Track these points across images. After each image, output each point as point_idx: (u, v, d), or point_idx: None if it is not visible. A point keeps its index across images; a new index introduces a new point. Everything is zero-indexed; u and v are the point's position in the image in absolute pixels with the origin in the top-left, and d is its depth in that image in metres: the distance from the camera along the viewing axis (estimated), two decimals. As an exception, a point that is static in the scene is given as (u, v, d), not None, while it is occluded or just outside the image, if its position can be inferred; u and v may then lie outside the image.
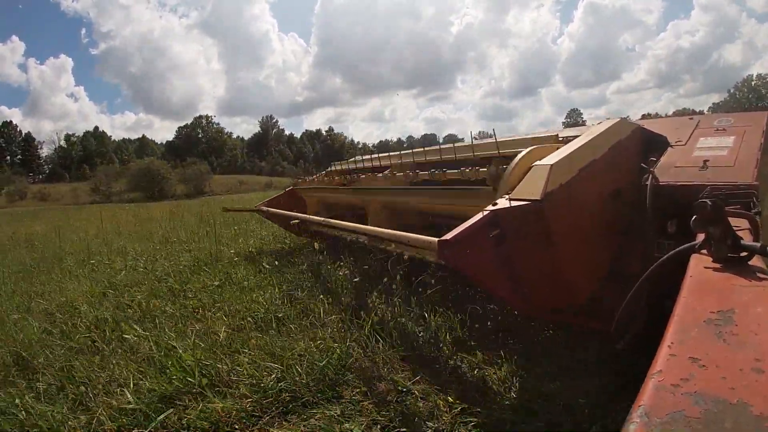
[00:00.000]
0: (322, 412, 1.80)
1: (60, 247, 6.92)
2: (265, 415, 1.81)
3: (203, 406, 1.82)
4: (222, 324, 2.70)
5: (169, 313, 3.05)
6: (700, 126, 2.53)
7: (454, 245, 1.54)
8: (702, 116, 2.68)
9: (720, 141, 2.28)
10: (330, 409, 1.82)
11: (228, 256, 4.73)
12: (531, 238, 1.73)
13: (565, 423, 1.64)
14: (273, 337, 2.42)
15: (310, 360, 2.09)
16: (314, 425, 1.73)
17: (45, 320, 3.17)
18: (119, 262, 5.13)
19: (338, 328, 2.48)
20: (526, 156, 2.10)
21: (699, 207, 0.98)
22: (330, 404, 1.86)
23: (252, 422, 1.78)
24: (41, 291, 4.13)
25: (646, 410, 0.49)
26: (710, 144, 2.28)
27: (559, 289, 1.86)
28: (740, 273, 0.86)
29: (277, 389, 1.92)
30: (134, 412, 1.81)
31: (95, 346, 2.57)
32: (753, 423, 0.46)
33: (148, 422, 1.76)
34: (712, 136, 2.36)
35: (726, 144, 2.22)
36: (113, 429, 1.74)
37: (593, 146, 2.00)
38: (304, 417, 1.79)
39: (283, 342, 2.35)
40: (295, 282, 3.44)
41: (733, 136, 2.26)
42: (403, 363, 2.15)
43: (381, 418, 1.75)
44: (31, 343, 2.66)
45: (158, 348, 2.35)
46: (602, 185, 2.02)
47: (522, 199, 1.72)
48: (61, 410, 1.87)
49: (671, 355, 0.60)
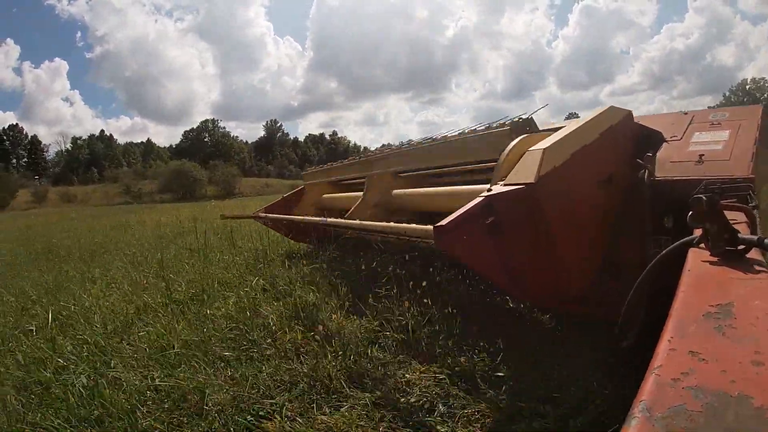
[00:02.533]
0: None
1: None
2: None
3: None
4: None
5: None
6: (695, 121, 2.50)
7: (450, 231, 1.53)
8: (697, 111, 2.66)
9: (715, 135, 2.25)
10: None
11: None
12: (526, 222, 1.73)
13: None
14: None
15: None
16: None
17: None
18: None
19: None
20: (519, 143, 2.10)
21: (694, 202, 0.97)
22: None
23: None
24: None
25: (648, 405, 0.48)
26: (705, 138, 2.26)
27: (554, 276, 1.85)
28: (738, 266, 0.85)
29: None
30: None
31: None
32: (754, 415, 0.45)
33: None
34: (707, 131, 2.33)
35: (721, 138, 2.19)
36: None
37: (585, 131, 2.00)
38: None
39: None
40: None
41: (728, 130, 2.23)
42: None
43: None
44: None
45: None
46: (595, 169, 2.02)
47: (516, 183, 1.72)
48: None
49: (671, 350, 0.59)
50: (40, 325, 3.05)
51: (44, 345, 2.60)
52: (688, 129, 2.41)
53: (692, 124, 2.46)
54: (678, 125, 2.48)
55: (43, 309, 3.39)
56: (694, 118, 2.54)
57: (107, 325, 2.94)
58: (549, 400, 1.74)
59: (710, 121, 2.43)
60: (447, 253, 1.78)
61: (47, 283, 4.63)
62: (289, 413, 1.80)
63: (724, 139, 2.17)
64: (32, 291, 4.24)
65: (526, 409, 1.70)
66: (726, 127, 2.29)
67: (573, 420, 1.62)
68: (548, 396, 1.77)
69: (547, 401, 1.74)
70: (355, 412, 1.78)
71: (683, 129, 2.42)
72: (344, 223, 3.03)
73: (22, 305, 3.78)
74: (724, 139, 2.17)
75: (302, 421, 1.74)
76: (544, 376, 1.91)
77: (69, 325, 3.04)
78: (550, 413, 1.67)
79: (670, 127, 2.47)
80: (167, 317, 2.83)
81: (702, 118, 2.53)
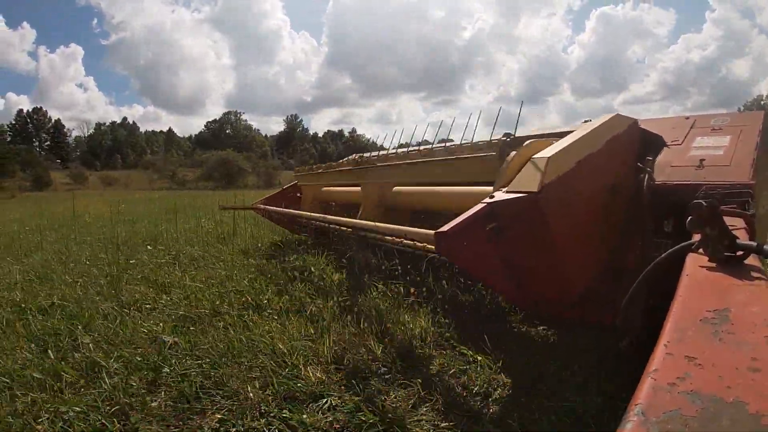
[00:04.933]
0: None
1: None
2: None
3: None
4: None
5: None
6: (697, 125, 2.45)
7: (451, 237, 1.51)
8: (698, 116, 2.60)
9: (716, 140, 2.21)
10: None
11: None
12: (528, 230, 1.69)
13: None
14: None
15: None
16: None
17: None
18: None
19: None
20: (523, 150, 2.06)
21: (694, 207, 0.95)
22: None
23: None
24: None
25: (643, 409, 0.48)
26: (706, 143, 2.22)
27: (555, 283, 1.82)
28: (736, 272, 0.84)
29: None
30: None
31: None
32: (749, 421, 0.44)
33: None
34: (708, 136, 2.29)
35: (722, 143, 2.15)
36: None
37: (590, 140, 1.95)
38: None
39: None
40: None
41: (729, 136, 2.19)
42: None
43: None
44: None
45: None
46: (599, 179, 1.97)
47: (519, 191, 1.68)
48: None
49: (668, 354, 0.58)
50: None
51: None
52: (689, 133, 2.36)
53: (693, 128, 2.42)
54: (679, 129, 2.43)
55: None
56: (695, 122, 2.50)
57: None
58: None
59: (711, 126, 2.38)
60: (447, 258, 1.76)
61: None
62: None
63: (725, 144, 2.13)
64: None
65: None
66: (727, 132, 2.24)
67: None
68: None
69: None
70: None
71: (684, 133, 2.37)
72: (344, 222, 2.99)
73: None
74: (725, 144, 2.13)
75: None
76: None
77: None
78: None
79: (671, 131, 2.43)
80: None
81: (703, 122, 2.48)
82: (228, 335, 2.24)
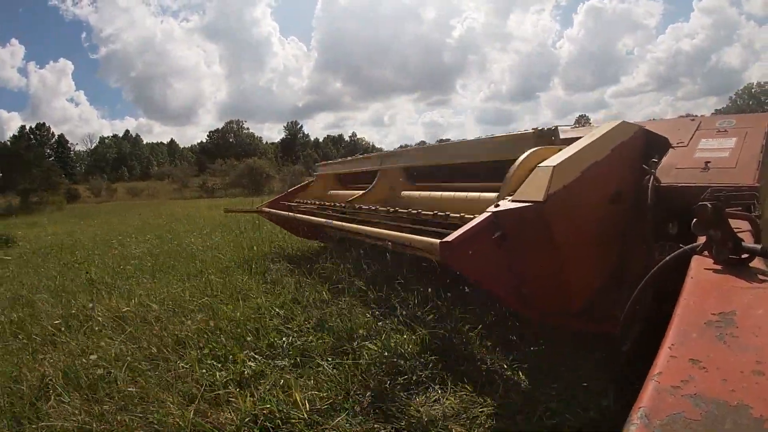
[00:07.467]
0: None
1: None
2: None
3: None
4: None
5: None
6: (702, 127, 2.41)
7: (456, 246, 1.49)
8: (704, 117, 2.56)
9: (721, 142, 2.17)
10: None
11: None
12: (533, 239, 1.66)
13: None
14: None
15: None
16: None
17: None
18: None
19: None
20: (529, 157, 2.02)
21: (699, 209, 0.93)
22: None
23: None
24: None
25: (647, 412, 0.47)
26: (712, 145, 2.18)
27: (560, 292, 1.78)
28: (741, 275, 0.82)
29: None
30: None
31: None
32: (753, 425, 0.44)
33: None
34: (713, 138, 2.25)
35: (727, 145, 2.11)
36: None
37: (596, 147, 1.90)
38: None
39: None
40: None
41: (735, 138, 2.15)
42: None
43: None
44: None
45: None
46: (605, 187, 1.93)
47: (524, 200, 1.65)
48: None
49: (672, 357, 0.58)
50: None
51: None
52: (694, 135, 2.32)
53: (699, 130, 2.37)
54: (684, 131, 2.39)
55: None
56: (701, 124, 2.45)
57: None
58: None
59: (717, 128, 2.34)
60: (452, 267, 1.74)
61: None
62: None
63: (731, 146, 2.09)
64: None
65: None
66: (732, 134, 2.20)
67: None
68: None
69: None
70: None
71: (689, 135, 2.33)
72: (348, 227, 2.94)
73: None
74: (731, 146, 2.09)
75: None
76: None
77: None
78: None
79: (676, 132, 2.38)
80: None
81: (709, 124, 2.43)
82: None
